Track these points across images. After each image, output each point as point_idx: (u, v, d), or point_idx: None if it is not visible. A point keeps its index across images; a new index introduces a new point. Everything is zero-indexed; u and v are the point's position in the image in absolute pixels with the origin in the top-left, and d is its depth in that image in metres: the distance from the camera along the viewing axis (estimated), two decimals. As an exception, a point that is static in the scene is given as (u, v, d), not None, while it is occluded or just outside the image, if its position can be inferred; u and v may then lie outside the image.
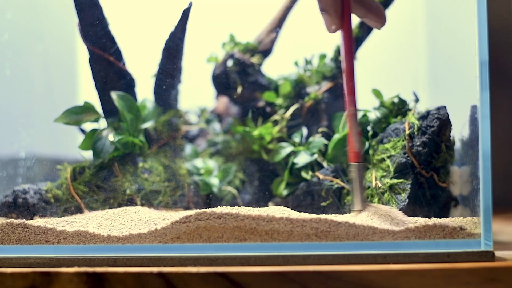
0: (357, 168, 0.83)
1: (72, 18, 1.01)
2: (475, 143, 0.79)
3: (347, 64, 0.84)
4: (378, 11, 0.88)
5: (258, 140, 1.08)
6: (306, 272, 0.73)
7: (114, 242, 0.80)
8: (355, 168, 0.84)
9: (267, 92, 1.11)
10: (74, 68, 1.28)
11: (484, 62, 0.76)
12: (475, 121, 0.79)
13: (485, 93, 0.76)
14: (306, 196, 1.00)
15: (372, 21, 0.88)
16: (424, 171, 0.91)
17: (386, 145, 0.95)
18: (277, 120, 1.10)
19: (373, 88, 1.01)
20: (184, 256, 0.77)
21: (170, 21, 1.02)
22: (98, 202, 0.98)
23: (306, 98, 1.09)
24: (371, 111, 1.00)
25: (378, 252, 0.76)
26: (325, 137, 1.05)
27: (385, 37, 0.86)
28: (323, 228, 0.77)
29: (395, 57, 0.86)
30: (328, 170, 1.00)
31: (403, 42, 1.13)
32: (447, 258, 0.76)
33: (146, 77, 1.08)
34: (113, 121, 1.02)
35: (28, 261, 0.79)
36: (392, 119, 0.99)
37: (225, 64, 1.12)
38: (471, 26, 0.77)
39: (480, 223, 0.77)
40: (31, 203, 0.96)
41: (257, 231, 0.78)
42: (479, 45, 0.76)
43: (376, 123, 0.99)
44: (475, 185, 0.80)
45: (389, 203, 0.90)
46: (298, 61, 1.13)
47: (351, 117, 0.84)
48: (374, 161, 0.96)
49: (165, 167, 1.04)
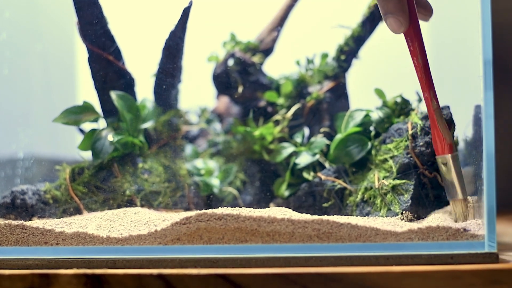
0: (454, 158, 0.85)
1: (71, 17, 1.01)
2: (478, 143, 0.79)
3: (422, 62, 0.84)
4: (426, 3, 0.88)
5: (259, 140, 1.08)
6: (308, 274, 0.72)
7: (114, 243, 0.80)
8: (452, 159, 0.85)
9: (268, 92, 1.11)
10: (73, 67, 1.28)
11: (488, 61, 0.76)
12: (479, 121, 0.79)
13: (489, 93, 0.76)
14: (308, 197, 1.00)
15: (421, 14, 0.88)
16: (427, 171, 0.90)
17: (388, 145, 0.95)
18: (278, 120, 1.10)
19: (375, 88, 1.01)
20: (184, 257, 0.77)
21: (170, 19, 1.02)
22: (97, 203, 0.98)
23: (308, 98, 1.09)
24: (373, 111, 1.00)
25: (381, 253, 0.76)
26: (327, 137, 1.05)
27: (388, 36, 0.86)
28: (325, 229, 0.77)
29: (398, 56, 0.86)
30: (330, 171, 1.00)
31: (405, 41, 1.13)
32: (450, 259, 0.76)
33: (146, 77, 1.08)
34: (112, 121, 1.02)
35: (26, 263, 0.79)
36: (395, 119, 0.99)
37: (226, 64, 1.12)
38: (474, 24, 0.77)
39: (484, 224, 0.76)
40: (30, 204, 0.96)
41: (258, 233, 0.77)
42: (483, 44, 0.76)
43: (378, 123, 0.99)
44: (478, 186, 0.80)
45: (392, 204, 0.90)
46: (299, 60, 1.13)
47: (436, 111, 0.85)
48: (377, 161, 0.95)
49: (165, 167, 1.04)
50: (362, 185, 0.95)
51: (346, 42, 1.07)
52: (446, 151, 0.85)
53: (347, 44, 1.07)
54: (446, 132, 0.85)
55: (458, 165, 0.85)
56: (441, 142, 0.86)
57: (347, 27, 1.07)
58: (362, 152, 0.97)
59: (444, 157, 0.85)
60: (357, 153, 0.98)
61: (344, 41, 1.07)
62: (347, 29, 1.07)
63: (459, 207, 0.85)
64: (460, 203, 0.85)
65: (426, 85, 0.85)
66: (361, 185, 0.95)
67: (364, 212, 0.93)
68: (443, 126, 0.85)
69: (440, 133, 0.85)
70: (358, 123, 0.99)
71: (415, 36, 0.84)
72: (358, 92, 1.09)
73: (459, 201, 0.85)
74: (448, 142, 0.85)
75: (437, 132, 0.86)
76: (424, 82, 0.85)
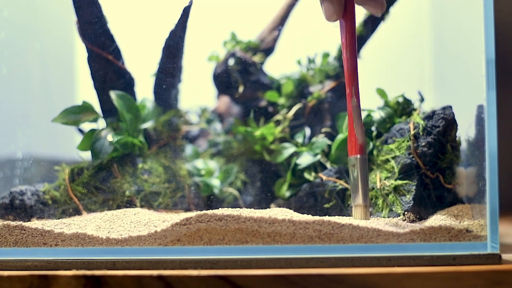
0: (362, 161, 0.84)
1: (70, 16, 1.01)
2: (481, 143, 0.79)
3: (350, 56, 0.83)
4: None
5: (260, 141, 1.08)
6: (309, 275, 0.72)
7: (113, 244, 0.79)
8: (359, 161, 0.84)
9: (269, 92, 1.11)
10: (72, 67, 1.29)
11: (490, 60, 0.76)
12: (482, 121, 0.78)
13: (491, 93, 0.76)
14: (309, 198, 1.00)
15: (371, 7, 0.87)
16: (430, 172, 0.90)
17: (390, 145, 0.95)
18: (279, 120, 1.10)
19: (377, 88, 1.01)
20: (184, 259, 0.77)
21: (170, 19, 1.02)
22: (96, 203, 0.98)
23: (309, 98, 1.09)
24: (375, 110, 1.00)
25: (383, 254, 0.76)
26: (329, 138, 1.05)
27: (390, 36, 0.86)
28: (326, 230, 0.77)
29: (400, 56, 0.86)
30: (331, 171, 1.00)
31: (408, 41, 1.13)
32: (452, 260, 0.76)
33: (145, 76, 1.08)
34: (112, 121, 1.02)
35: (25, 264, 0.79)
36: (396, 119, 0.99)
37: (227, 63, 1.12)
38: (477, 23, 0.77)
39: (487, 225, 0.76)
40: (29, 205, 0.96)
41: (259, 234, 0.77)
42: (485, 43, 0.76)
43: (380, 123, 0.99)
44: (481, 186, 0.80)
45: (393, 204, 0.90)
46: (301, 60, 1.13)
47: (354, 109, 0.84)
48: (379, 162, 0.95)
49: (165, 168, 1.04)
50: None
51: (348, 41, 1.07)
52: (354, 152, 0.84)
53: (349, 44, 1.07)
54: (360, 132, 0.84)
55: (365, 168, 0.84)
56: (354, 142, 0.85)
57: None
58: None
59: (354, 158, 0.84)
60: (358, 153, 0.97)
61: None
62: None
63: (359, 213, 0.84)
64: (360, 208, 0.84)
65: (350, 80, 0.84)
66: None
67: (365, 213, 0.93)
68: (358, 125, 0.84)
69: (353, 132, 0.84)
70: (359, 123, 0.99)
71: (349, 27, 0.83)
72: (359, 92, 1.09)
73: (359, 207, 0.84)
74: (359, 143, 0.84)
75: (351, 130, 0.85)
76: (348, 77, 0.84)
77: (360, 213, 0.84)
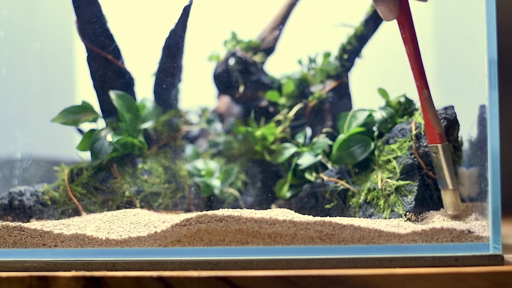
0: (443, 148, 0.85)
1: (69, 16, 1.01)
2: (483, 143, 0.79)
3: (414, 50, 0.84)
4: None
5: (261, 141, 1.08)
6: (310, 276, 0.72)
7: (113, 245, 0.80)
8: (441, 149, 0.85)
9: (270, 91, 1.11)
10: (71, 66, 1.29)
11: (492, 60, 0.76)
12: (484, 121, 0.79)
13: (494, 93, 0.76)
14: (310, 198, 1.00)
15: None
16: (431, 172, 0.90)
17: (392, 145, 0.95)
18: (280, 120, 1.10)
19: (379, 87, 1.01)
20: (184, 259, 0.77)
21: (170, 18, 1.02)
22: (96, 204, 0.98)
23: (310, 98, 1.09)
24: (377, 110, 1.00)
25: (384, 255, 0.76)
26: (330, 138, 1.05)
27: (391, 35, 0.86)
28: (327, 231, 0.77)
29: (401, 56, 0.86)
30: (332, 172, 1.00)
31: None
32: (455, 262, 0.76)
33: (145, 76, 1.08)
34: (111, 121, 1.02)
35: (24, 265, 0.79)
36: (398, 119, 0.99)
37: (227, 63, 1.12)
38: (479, 23, 0.77)
39: (489, 226, 0.77)
40: (28, 206, 0.96)
41: (259, 234, 0.77)
42: (487, 43, 0.76)
43: (382, 123, 0.99)
44: (483, 187, 0.80)
45: (395, 205, 0.89)
46: (301, 60, 1.13)
47: (427, 101, 0.85)
48: (380, 162, 0.95)
49: (165, 168, 1.04)
50: (365, 186, 0.95)
51: (349, 41, 1.07)
52: (436, 141, 0.85)
53: (350, 43, 1.07)
54: (436, 122, 0.85)
55: (448, 155, 0.85)
56: (432, 132, 0.86)
57: (350, 26, 1.07)
58: (365, 153, 0.97)
59: (435, 146, 0.85)
60: (360, 153, 0.98)
61: (347, 40, 1.07)
62: (350, 28, 1.07)
63: (449, 197, 0.85)
64: (449, 193, 0.85)
65: (418, 73, 0.85)
66: (364, 186, 0.95)
67: (367, 214, 0.93)
68: (433, 115, 0.85)
69: (430, 122, 0.85)
70: (361, 123, 0.99)
71: (407, 23, 0.84)
72: (361, 92, 1.09)
73: (449, 191, 0.85)
74: (438, 132, 0.85)
75: (427, 121, 0.86)
76: (416, 70, 0.85)
77: (450, 196, 0.85)
